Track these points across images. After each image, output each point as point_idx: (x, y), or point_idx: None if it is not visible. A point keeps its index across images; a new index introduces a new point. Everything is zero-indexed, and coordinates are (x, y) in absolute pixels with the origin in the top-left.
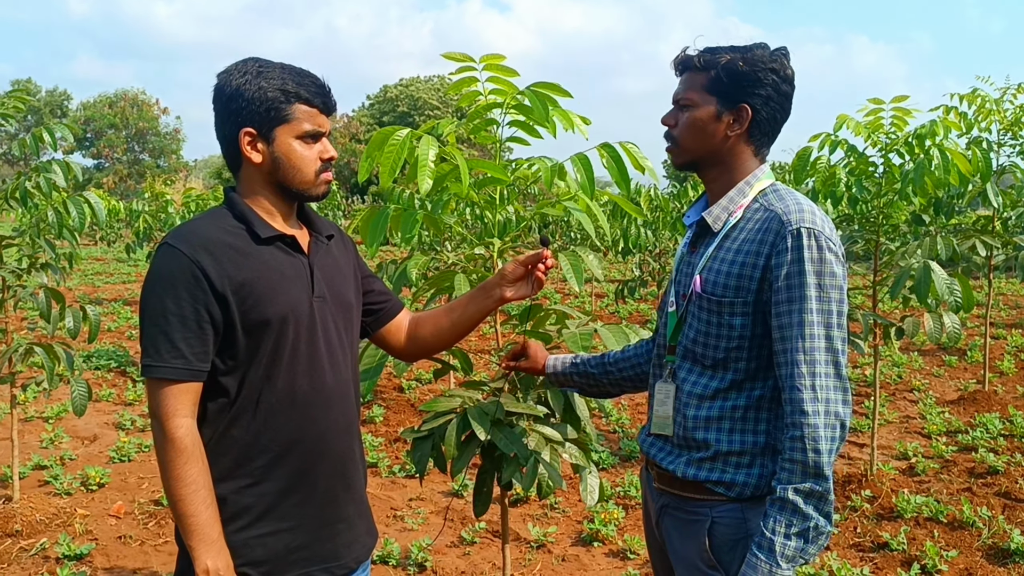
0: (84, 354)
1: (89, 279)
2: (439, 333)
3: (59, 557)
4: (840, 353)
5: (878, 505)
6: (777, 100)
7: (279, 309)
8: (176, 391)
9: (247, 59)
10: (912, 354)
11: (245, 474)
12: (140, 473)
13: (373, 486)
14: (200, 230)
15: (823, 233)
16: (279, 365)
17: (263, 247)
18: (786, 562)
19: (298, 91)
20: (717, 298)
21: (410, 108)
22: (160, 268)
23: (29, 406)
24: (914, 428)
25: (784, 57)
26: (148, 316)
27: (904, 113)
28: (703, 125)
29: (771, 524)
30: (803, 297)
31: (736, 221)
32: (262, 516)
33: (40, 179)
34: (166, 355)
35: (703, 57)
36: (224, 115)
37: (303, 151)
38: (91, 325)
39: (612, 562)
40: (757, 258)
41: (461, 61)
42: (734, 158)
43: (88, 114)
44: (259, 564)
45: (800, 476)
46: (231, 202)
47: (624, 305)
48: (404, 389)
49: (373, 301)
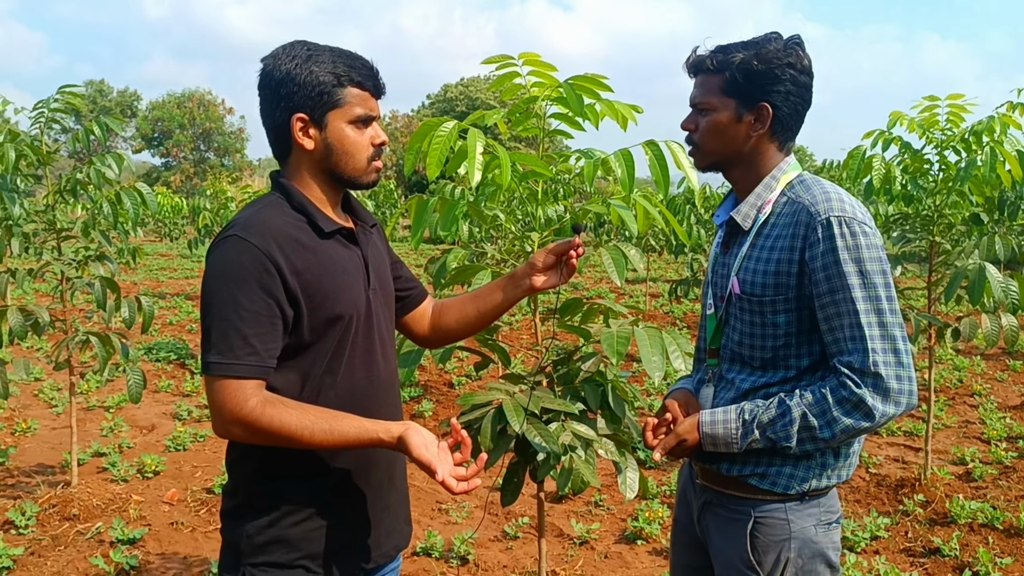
0: (145, 346)
1: (154, 274)
2: (464, 321)
3: (113, 541)
4: (899, 339)
5: (931, 510)
6: (797, 93)
7: (345, 306)
8: (244, 387)
9: (294, 42)
10: (974, 358)
11: (304, 468)
12: (194, 462)
13: (420, 479)
14: (268, 221)
15: (855, 218)
16: (340, 360)
17: (325, 241)
18: (762, 440)
19: (350, 74)
20: (758, 298)
21: (468, 108)
22: (230, 260)
23: (91, 395)
24: (973, 433)
25: (798, 47)
26: (217, 311)
27: (960, 110)
28: (724, 128)
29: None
30: (847, 286)
31: (766, 217)
32: (320, 509)
33: (91, 171)
34: (239, 351)
35: (715, 58)
36: (273, 101)
37: (356, 136)
38: (145, 316)
39: (655, 560)
40: (792, 253)
41: (500, 61)
42: (758, 156)
43: (157, 114)
44: (317, 557)
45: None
46: (285, 191)
47: (679, 305)
48: (454, 384)
49: (400, 288)
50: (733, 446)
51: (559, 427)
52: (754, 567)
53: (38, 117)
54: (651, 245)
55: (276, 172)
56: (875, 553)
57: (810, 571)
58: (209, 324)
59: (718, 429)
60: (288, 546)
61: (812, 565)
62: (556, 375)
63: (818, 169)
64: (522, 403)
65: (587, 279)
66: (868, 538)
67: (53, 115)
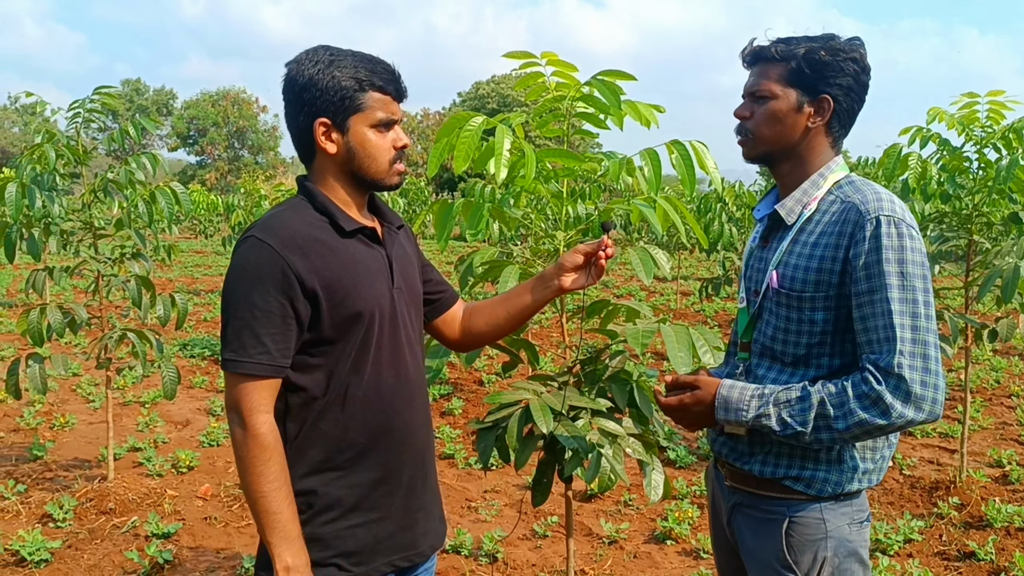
0: (180, 342)
1: (189, 271)
2: (494, 323)
3: (148, 535)
4: (930, 345)
5: (966, 513)
6: (857, 91)
7: (367, 303)
8: (258, 387)
9: (317, 47)
10: (1012, 358)
11: (335, 467)
12: (228, 457)
13: (450, 477)
14: (287, 223)
15: (904, 221)
16: (366, 358)
17: (347, 240)
18: (775, 417)
19: (371, 79)
20: (796, 293)
21: (500, 105)
22: (247, 261)
23: (127, 391)
24: (1011, 435)
25: (861, 47)
26: (233, 309)
27: (1000, 107)
28: (783, 117)
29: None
30: (885, 286)
31: (811, 214)
32: (352, 508)
33: (122, 171)
34: (251, 350)
35: (779, 48)
36: (297, 105)
37: (377, 140)
38: (179, 312)
39: (684, 561)
40: (836, 251)
41: (523, 58)
42: (811, 150)
43: (191, 113)
44: (350, 555)
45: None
46: (309, 193)
47: (710, 303)
48: (484, 383)
49: (431, 291)
50: (743, 414)
51: (586, 424)
52: (791, 567)
53: (74, 117)
54: (682, 243)
55: (302, 176)
56: (908, 556)
57: (845, 570)
58: (226, 322)
59: (734, 392)
60: (321, 544)
61: (848, 564)
62: (584, 374)
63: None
64: (550, 403)
65: (617, 277)
66: (901, 541)
67: (89, 115)
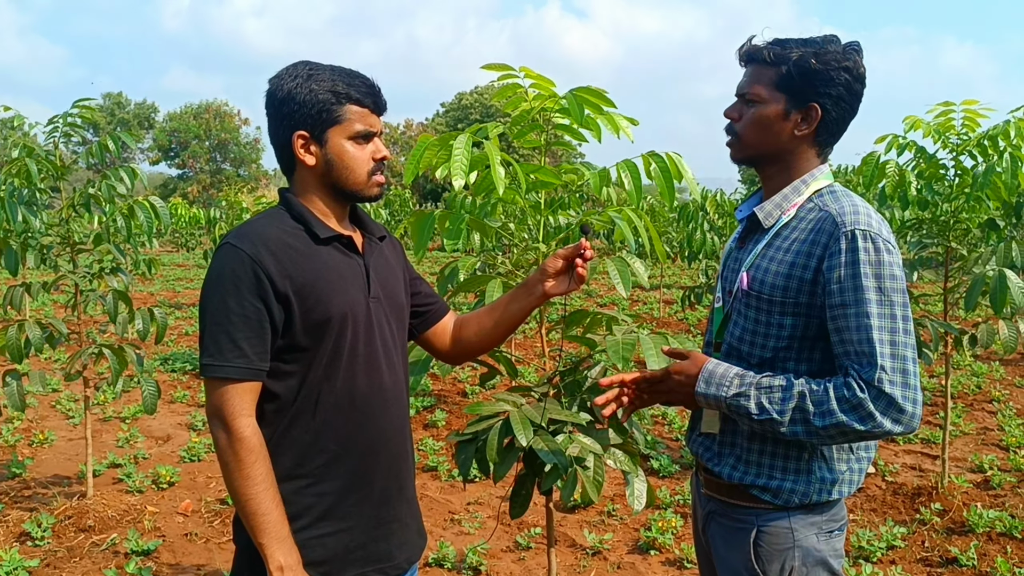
0: (161, 357)
1: (170, 284)
2: (483, 333)
3: (127, 552)
4: (909, 360)
5: (948, 519)
6: (848, 100)
7: (338, 309)
8: (239, 390)
9: (297, 63)
10: (993, 364)
11: (305, 474)
12: (209, 473)
13: (432, 489)
14: (261, 230)
15: (880, 235)
16: (338, 365)
17: (321, 247)
18: (754, 399)
19: (348, 92)
20: (766, 296)
21: (483, 116)
22: (222, 267)
23: (108, 407)
24: (991, 440)
25: (857, 53)
26: (209, 315)
27: (975, 115)
28: (769, 123)
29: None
30: (864, 300)
31: (788, 220)
32: (322, 516)
33: (103, 186)
34: (228, 354)
35: (773, 51)
36: (277, 119)
37: (355, 152)
38: (158, 326)
39: (668, 571)
40: (809, 259)
41: (501, 70)
42: (796, 157)
43: (173, 125)
44: (319, 564)
45: (851, 403)
46: (287, 203)
47: (692, 312)
48: (468, 394)
49: (420, 303)
50: (724, 389)
51: (566, 439)
52: None
53: (52, 131)
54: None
55: (284, 188)
56: (891, 563)
57: None
58: (203, 328)
59: (720, 368)
60: None
61: (816, 573)
62: (563, 385)
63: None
64: (529, 415)
65: (600, 286)
66: (884, 547)
67: (68, 129)
